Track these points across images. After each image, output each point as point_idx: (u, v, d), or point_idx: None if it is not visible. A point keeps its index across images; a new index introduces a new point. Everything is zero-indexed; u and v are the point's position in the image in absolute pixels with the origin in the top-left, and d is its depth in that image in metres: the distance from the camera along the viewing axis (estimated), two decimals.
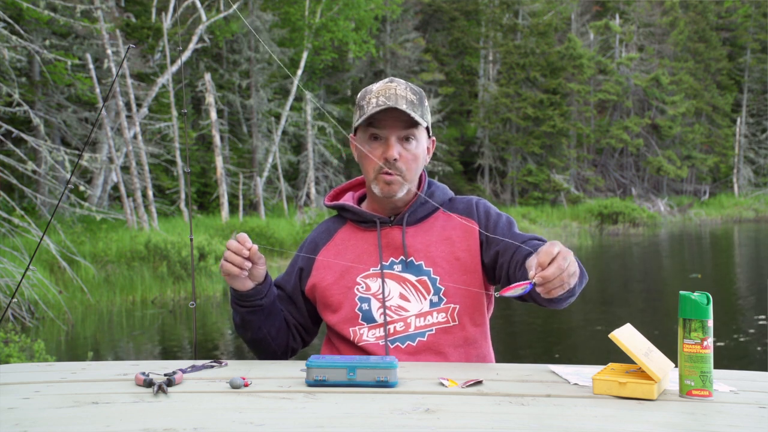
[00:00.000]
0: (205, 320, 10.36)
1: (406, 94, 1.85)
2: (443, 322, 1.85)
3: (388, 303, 1.87)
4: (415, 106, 1.85)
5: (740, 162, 36.62)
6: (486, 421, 1.28)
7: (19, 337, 6.49)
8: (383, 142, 1.86)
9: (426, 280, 1.87)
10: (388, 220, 1.94)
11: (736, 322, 9.02)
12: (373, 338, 1.86)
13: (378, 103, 1.83)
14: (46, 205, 13.27)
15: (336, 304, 1.91)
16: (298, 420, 1.29)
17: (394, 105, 1.81)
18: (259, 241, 14.47)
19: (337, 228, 2.01)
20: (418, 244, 1.90)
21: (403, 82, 1.89)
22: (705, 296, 1.43)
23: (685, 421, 1.29)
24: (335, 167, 23.02)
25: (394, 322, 1.86)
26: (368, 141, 1.88)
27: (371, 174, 1.89)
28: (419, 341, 1.84)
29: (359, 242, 1.95)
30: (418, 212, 1.94)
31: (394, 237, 1.92)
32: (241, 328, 1.93)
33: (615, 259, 18.37)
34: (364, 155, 1.90)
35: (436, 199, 1.96)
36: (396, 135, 1.85)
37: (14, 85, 12.75)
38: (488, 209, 1.96)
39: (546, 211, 27.29)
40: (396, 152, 1.85)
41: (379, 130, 1.85)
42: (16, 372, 1.74)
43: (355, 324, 1.88)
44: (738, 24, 38.50)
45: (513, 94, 29.69)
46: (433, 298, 1.86)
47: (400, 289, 1.88)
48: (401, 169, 1.86)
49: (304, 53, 22.99)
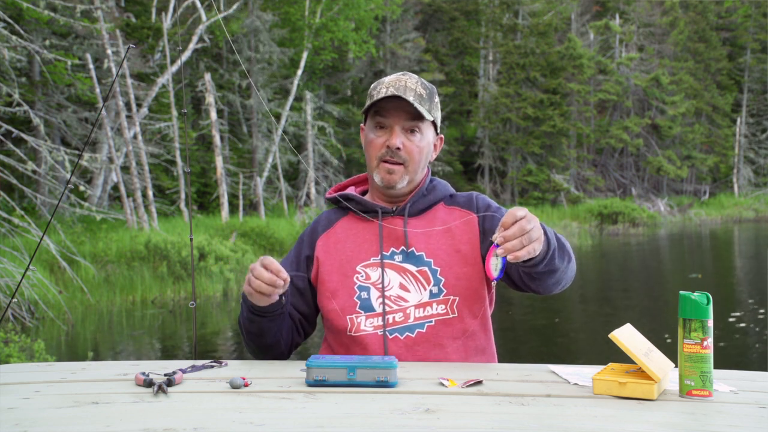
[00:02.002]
0: (205, 320, 10.36)
1: (416, 87, 1.87)
2: (443, 313, 1.85)
3: (388, 293, 1.87)
4: (423, 99, 1.87)
5: (740, 162, 36.62)
6: (486, 421, 1.28)
7: (19, 337, 6.50)
8: (388, 130, 1.88)
9: (426, 270, 1.87)
10: (390, 210, 1.94)
11: (736, 322, 9.02)
12: (371, 328, 1.85)
13: (387, 92, 1.85)
14: (46, 205, 13.27)
15: (334, 290, 1.90)
16: (298, 420, 1.29)
17: (401, 95, 1.83)
18: (259, 241, 14.35)
19: (338, 218, 2.01)
20: (420, 235, 1.91)
21: (415, 77, 1.91)
22: (705, 296, 1.43)
23: (685, 421, 1.29)
24: (335, 167, 23.02)
25: (393, 312, 1.86)
26: (374, 129, 1.90)
27: (374, 161, 1.91)
28: (418, 333, 1.84)
29: (360, 232, 1.95)
30: (419, 203, 1.95)
31: (396, 227, 1.92)
32: (257, 336, 1.89)
33: (615, 259, 18.37)
34: (367, 142, 1.92)
35: (438, 190, 1.98)
36: (401, 125, 1.87)
37: (14, 85, 12.75)
38: (488, 202, 1.97)
39: (546, 211, 27.29)
40: (399, 141, 1.86)
41: (385, 119, 1.88)
42: (16, 372, 1.74)
43: (352, 312, 1.87)
44: (738, 24, 38.50)
45: (513, 94, 29.69)
46: (433, 289, 1.86)
47: (400, 279, 1.88)
48: (403, 158, 1.88)
49: (304, 53, 22.99)
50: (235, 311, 11.41)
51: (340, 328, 1.89)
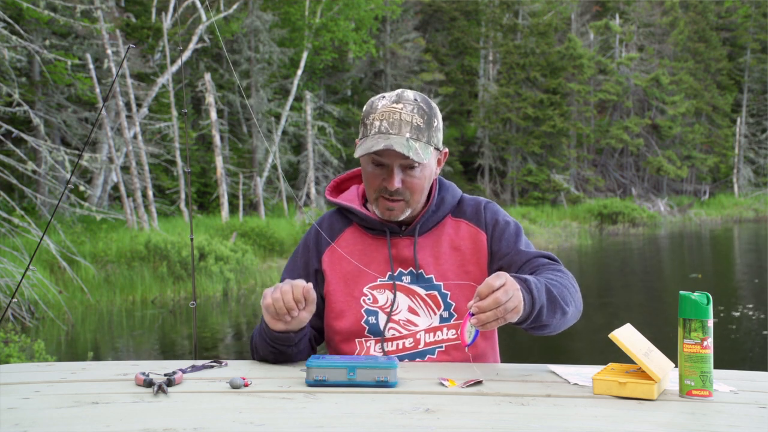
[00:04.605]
0: (205, 320, 10.36)
1: (411, 118, 1.74)
2: (453, 339, 1.81)
3: (397, 317, 1.82)
4: (420, 131, 1.75)
5: (740, 162, 36.61)
6: (486, 421, 1.28)
7: (19, 337, 6.50)
8: (385, 168, 1.78)
9: (436, 295, 1.83)
10: (399, 230, 1.87)
11: (737, 322, 9.02)
12: (380, 353, 1.82)
13: (380, 128, 1.74)
14: (46, 205, 13.27)
15: (340, 311, 1.85)
16: (298, 420, 1.29)
17: (395, 137, 1.72)
18: (259, 241, 14.33)
19: (342, 228, 1.92)
20: (429, 257, 1.85)
21: (411, 100, 1.78)
22: (705, 296, 1.43)
23: (685, 421, 1.29)
24: (335, 167, 23.01)
25: (403, 338, 1.81)
26: (370, 164, 1.80)
27: (372, 194, 1.82)
28: (429, 359, 1.81)
29: (367, 249, 1.88)
30: (428, 222, 1.88)
31: (403, 248, 1.86)
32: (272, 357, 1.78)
33: (615, 259, 18.37)
34: (365, 173, 1.83)
35: (446, 203, 1.90)
36: (398, 163, 1.76)
37: (14, 85, 12.75)
38: (496, 216, 1.89)
39: (546, 211, 27.27)
40: (397, 182, 1.76)
41: (381, 157, 1.76)
42: (16, 372, 1.74)
43: (361, 336, 1.83)
44: (738, 24, 38.49)
45: (513, 94, 29.68)
46: (444, 314, 1.82)
47: (409, 302, 1.83)
48: (404, 194, 1.79)
49: (304, 53, 22.99)
50: (235, 311, 11.41)
51: (347, 351, 1.84)
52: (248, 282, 12.92)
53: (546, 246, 19.80)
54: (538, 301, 1.59)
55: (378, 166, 1.78)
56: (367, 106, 1.82)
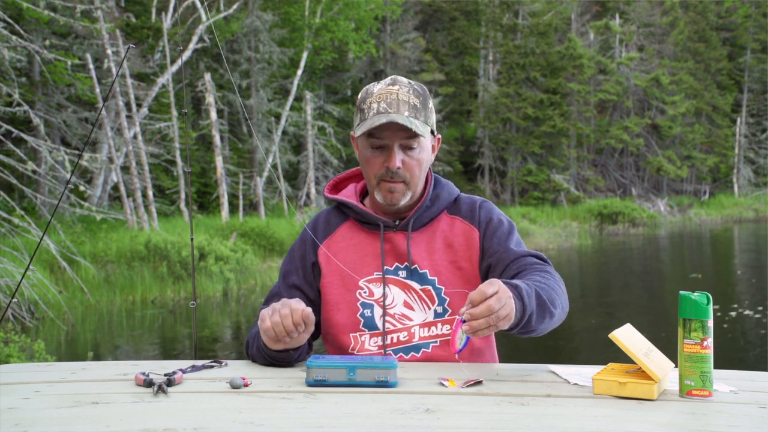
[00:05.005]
0: (205, 320, 10.36)
1: (408, 98, 1.79)
2: (447, 334, 1.82)
3: (392, 311, 1.83)
4: (418, 110, 1.79)
5: (740, 162, 36.61)
6: (486, 421, 1.28)
7: (19, 337, 6.50)
8: (385, 150, 1.81)
9: (431, 290, 1.84)
10: (393, 225, 1.89)
11: (736, 322, 9.02)
12: (375, 347, 1.82)
13: (379, 109, 1.77)
14: (46, 205, 13.27)
15: (335, 303, 1.86)
16: (298, 420, 1.29)
17: (395, 114, 1.76)
18: (259, 241, 14.34)
19: (339, 223, 1.95)
20: (423, 252, 1.86)
21: (405, 83, 1.83)
22: (705, 296, 1.43)
23: (685, 421, 1.29)
24: (335, 167, 23.02)
25: (397, 331, 1.83)
26: (369, 148, 1.83)
27: (373, 180, 1.85)
28: (423, 353, 1.82)
29: (362, 243, 1.90)
30: (423, 217, 1.89)
31: (398, 243, 1.87)
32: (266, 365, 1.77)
33: (615, 259, 18.37)
34: (364, 160, 1.85)
35: (441, 200, 1.92)
36: (398, 143, 1.80)
37: (14, 85, 12.75)
38: (490, 214, 1.91)
39: (546, 211, 27.27)
40: (398, 161, 1.80)
41: (381, 139, 1.80)
42: (16, 372, 1.74)
43: (356, 330, 1.84)
44: (738, 24, 38.49)
45: (513, 94, 29.69)
46: (438, 309, 1.83)
47: (404, 296, 1.84)
48: (404, 176, 1.82)
49: (304, 53, 22.99)
50: (235, 311, 11.41)
51: (342, 344, 1.85)
52: (248, 282, 12.92)
53: (546, 246, 19.81)
54: (529, 308, 1.59)
55: (377, 149, 1.82)
56: (363, 92, 1.86)
